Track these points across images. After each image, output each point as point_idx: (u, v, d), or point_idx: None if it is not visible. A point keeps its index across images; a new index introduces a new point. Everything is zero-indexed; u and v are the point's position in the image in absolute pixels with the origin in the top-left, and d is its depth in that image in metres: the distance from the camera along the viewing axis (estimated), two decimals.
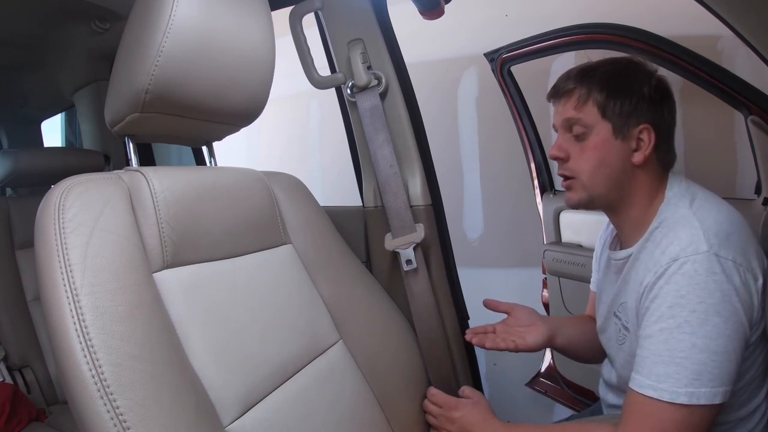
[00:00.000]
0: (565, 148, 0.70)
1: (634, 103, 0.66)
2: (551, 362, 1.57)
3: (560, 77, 0.72)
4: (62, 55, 1.43)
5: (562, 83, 0.71)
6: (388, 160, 0.89)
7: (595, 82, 0.68)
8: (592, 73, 0.69)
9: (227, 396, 0.55)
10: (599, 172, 0.68)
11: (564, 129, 0.71)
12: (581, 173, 0.69)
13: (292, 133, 2.41)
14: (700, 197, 0.65)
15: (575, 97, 0.69)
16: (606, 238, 0.83)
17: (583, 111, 0.68)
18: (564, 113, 0.70)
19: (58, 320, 0.45)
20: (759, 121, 1.01)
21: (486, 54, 1.47)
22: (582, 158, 0.69)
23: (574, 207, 0.72)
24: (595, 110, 0.67)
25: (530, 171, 1.59)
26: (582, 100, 0.68)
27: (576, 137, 0.69)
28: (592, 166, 0.68)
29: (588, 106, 0.68)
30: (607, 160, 0.67)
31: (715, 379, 0.55)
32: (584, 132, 0.68)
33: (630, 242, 0.70)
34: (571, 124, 0.69)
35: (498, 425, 0.74)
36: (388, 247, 0.89)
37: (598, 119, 0.67)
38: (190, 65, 0.59)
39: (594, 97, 0.67)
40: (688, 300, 0.56)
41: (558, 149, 0.71)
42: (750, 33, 0.68)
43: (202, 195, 0.64)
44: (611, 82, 0.67)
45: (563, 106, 0.70)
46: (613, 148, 0.67)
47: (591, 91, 0.68)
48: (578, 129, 0.68)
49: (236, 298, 0.63)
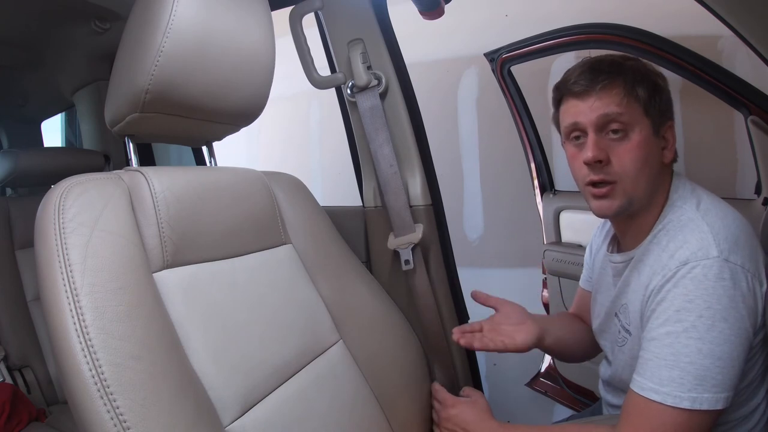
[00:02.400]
0: (604, 149, 0.63)
1: (665, 99, 0.64)
2: (551, 362, 1.57)
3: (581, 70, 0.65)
4: (62, 55, 1.43)
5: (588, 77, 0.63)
6: (388, 160, 0.89)
7: (634, 76, 0.62)
8: (624, 67, 0.63)
9: (227, 396, 0.55)
10: (643, 174, 0.62)
11: (597, 127, 0.63)
12: (624, 176, 0.62)
13: (292, 133, 2.41)
14: (706, 200, 0.64)
15: (619, 91, 0.62)
16: (601, 238, 0.82)
17: (628, 106, 0.62)
18: (602, 108, 0.62)
19: (58, 320, 0.45)
20: (759, 121, 1.01)
21: (486, 54, 1.47)
22: (626, 158, 0.62)
23: (609, 216, 0.67)
24: (639, 106, 0.62)
25: (530, 171, 1.59)
26: (626, 94, 0.62)
27: (613, 136, 0.62)
28: (637, 167, 0.62)
29: (631, 101, 0.62)
30: (649, 161, 0.63)
31: (718, 385, 0.55)
32: (625, 130, 0.62)
33: (630, 245, 0.69)
34: (609, 121, 0.62)
35: (494, 425, 0.73)
36: (390, 246, 0.89)
37: (641, 116, 0.62)
38: (190, 65, 0.59)
39: (637, 92, 0.62)
40: (696, 305, 0.56)
41: (598, 150, 0.62)
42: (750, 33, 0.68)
43: (202, 195, 0.64)
44: (646, 77, 0.63)
45: (600, 100, 0.62)
46: (654, 148, 0.63)
47: (634, 85, 0.62)
48: (617, 126, 0.62)
49: (236, 298, 0.63)
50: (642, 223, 0.67)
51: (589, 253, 0.87)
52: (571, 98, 0.65)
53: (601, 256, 0.79)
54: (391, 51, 0.92)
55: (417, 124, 0.95)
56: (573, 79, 0.65)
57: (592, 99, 0.63)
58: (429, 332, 0.89)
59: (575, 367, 1.48)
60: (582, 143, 0.65)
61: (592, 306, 0.81)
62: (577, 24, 1.24)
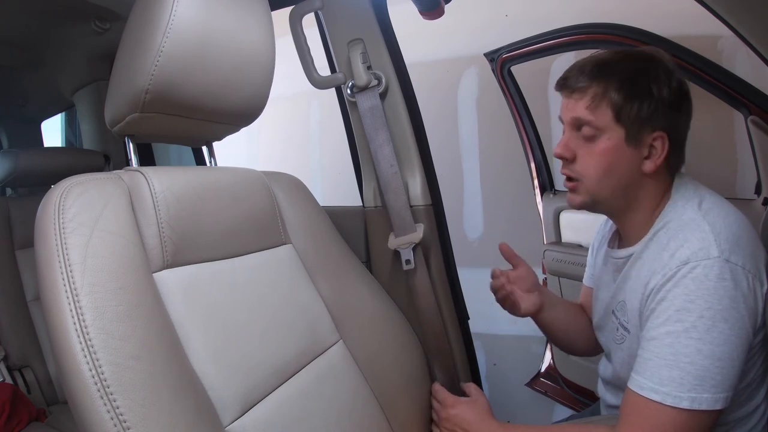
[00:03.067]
0: (571, 148, 0.66)
1: (652, 107, 0.61)
2: (551, 362, 1.57)
3: (573, 68, 0.66)
4: (62, 55, 1.43)
5: (574, 77, 0.65)
6: (389, 160, 0.89)
7: (613, 80, 0.62)
8: (609, 69, 0.63)
9: (227, 396, 0.55)
10: (605, 179, 0.64)
11: (572, 127, 0.66)
12: (586, 177, 0.65)
13: (292, 133, 2.41)
14: (708, 200, 0.63)
15: (589, 96, 0.63)
16: (604, 234, 0.82)
17: (596, 113, 0.63)
18: (574, 111, 0.64)
19: (58, 320, 0.45)
20: (759, 121, 1.01)
21: (486, 54, 1.47)
22: (589, 162, 0.64)
23: (576, 209, 0.70)
24: (609, 112, 0.62)
25: (530, 171, 1.59)
26: (596, 100, 0.63)
27: (584, 138, 0.64)
28: (598, 173, 0.64)
29: (602, 107, 0.62)
30: (616, 168, 0.63)
31: (717, 386, 0.55)
32: (594, 135, 0.63)
33: (631, 241, 0.69)
34: (580, 124, 0.64)
35: (494, 425, 0.73)
36: (391, 246, 0.89)
37: (611, 123, 0.62)
38: (190, 65, 0.59)
39: (609, 98, 0.62)
40: (697, 305, 0.56)
41: (564, 148, 0.66)
42: (750, 33, 0.68)
43: (202, 195, 0.64)
44: (630, 82, 0.62)
45: (575, 103, 0.64)
46: (624, 156, 0.63)
47: (607, 90, 0.62)
48: (588, 131, 0.64)
49: (236, 298, 0.63)
50: (638, 221, 0.68)
51: (591, 251, 0.87)
52: (560, 93, 0.68)
53: (603, 252, 0.79)
54: (391, 51, 0.92)
55: (417, 124, 0.95)
56: (564, 75, 0.67)
57: (570, 99, 0.66)
58: (429, 332, 0.89)
59: (575, 367, 1.48)
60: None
61: (594, 302, 0.81)
62: (577, 24, 1.25)
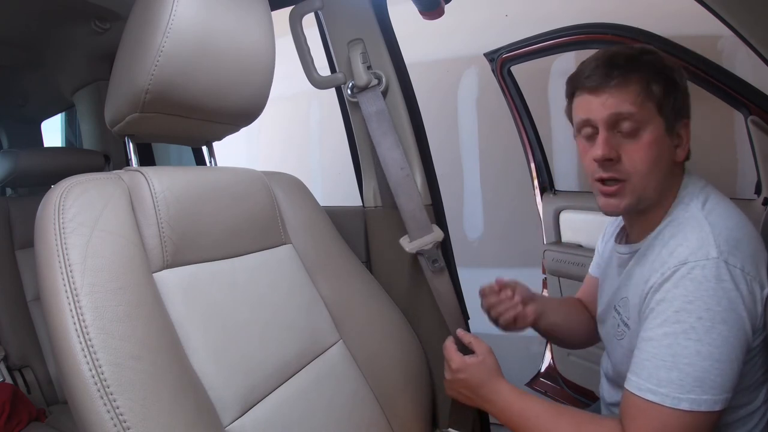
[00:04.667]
0: (614, 147, 0.62)
1: (681, 97, 0.62)
2: (551, 362, 1.57)
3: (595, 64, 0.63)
4: (62, 55, 1.43)
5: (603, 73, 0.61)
6: (399, 163, 0.89)
7: (649, 72, 0.60)
8: (638, 62, 0.61)
9: (227, 396, 0.55)
10: (653, 173, 0.62)
11: (608, 125, 0.62)
12: (635, 174, 0.62)
13: (292, 133, 2.41)
14: (713, 199, 0.63)
15: (634, 89, 0.60)
16: (614, 226, 0.82)
17: (642, 105, 0.60)
18: (614, 106, 0.61)
19: (58, 320, 0.45)
20: (759, 121, 1.01)
21: (486, 54, 1.47)
22: (637, 158, 0.61)
23: (618, 214, 0.67)
24: (653, 105, 0.60)
25: (530, 171, 1.59)
26: (642, 93, 0.60)
27: (625, 134, 0.61)
28: (647, 166, 0.61)
29: (646, 99, 0.60)
30: (660, 160, 0.62)
31: (717, 387, 0.54)
32: (637, 128, 0.61)
33: (637, 237, 0.69)
34: (620, 119, 0.61)
35: (505, 389, 0.69)
36: (410, 250, 0.88)
37: (654, 115, 0.61)
38: (190, 65, 0.59)
39: (652, 90, 0.60)
40: (696, 306, 0.55)
41: (609, 148, 0.61)
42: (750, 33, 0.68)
43: (202, 195, 0.64)
44: (663, 74, 0.61)
45: (614, 98, 0.61)
46: (665, 146, 0.62)
47: (650, 83, 0.60)
48: (629, 125, 0.60)
49: (236, 298, 0.63)
50: (650, 219, 0.67)
51: (602, 239, 0.87)
52: (585, 92, 0.64)
53: (611, 246, 0.79)
54: (391, 51, 0.92)
55: (417, 124, 0.95)
56: (587, 73, 0.63)
57: (606, 95, 0.61)
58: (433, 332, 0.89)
59: (575, 367, 1.48)
60: (593, 139, 0.64)
61: (599, 293, 0.81)
62: (577, 24, 1.24)
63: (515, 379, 0.71)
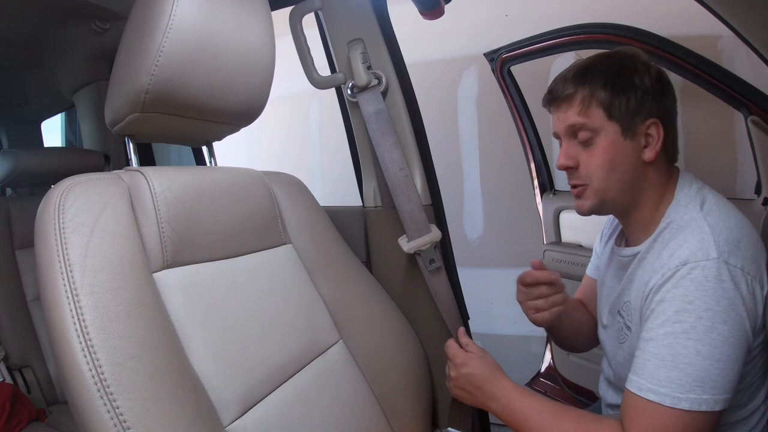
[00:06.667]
0: (572, 156, 0.67)
1: (639, 98, 0.63)
2: (551, 362, 1.57)
3: (555, 81, 0.68)
4: (62, 55, 1.43)
5: (559, 87, 0.67)
6: (398, 164, 0.89)
7: (596, 81, 0.64)
8: (590, 72, 0.65)
9: (227, 396, 0.55)
10: (611, 176, 0.65)
11: (568, 136, 0.67)
12: (593, 179, 0.66)
13: (292, 133, 2.41)
14: (710, 200, 0.64)
15: (577, 101, 0.65)
16: (612, 229, 0.82)
17: (587, 115, 0.64)
18: (567, 119, 0.66)
19: (58, 320, 0.45)
20: (759, 121, 1.01)
21: (486, 54, 1.47)
22: (592, 163, 0.65)
23: (585, 214, 0.70)
24: (601, 112, 0.64)
25: (530, 171, 1.59)
26: (585, 103, 0.64)
27: (582, 143, 0.66)
28: (603, 171, 0.65)
29: (592, 108, 0.64)
30: (618, 162, 0.64)
31: (717, 387, 0.55)
32: (591, 137, 0.65)
33: (637, 240, 0.69)
34: (575, 130, 0.66)
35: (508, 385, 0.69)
36: (408, 250, 0.88)
37: (604, 121, 0.64)
38: (190, 65, 0.59)
39: (597, 98, 0.64)
40: (696, 306, 0.56)
41: (566, 158, 0.67)
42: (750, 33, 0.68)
43: (202, 195, 0.64)
44: (613, 79, 0.64)
45: (564, 113, 0.66)
46: (624, 149, 0.64)
47: (593, 91, 0.64)
48: (584, 134, 0.65)
49: (236, 298, 0.63)
50: (642, 220, 0.68)
51: (599, 241, 0.87)
52: (550, 108, 0.70)
53: (610, 248, 0.79)
54: (391, 51, 0.92)
55: (417, 124, 0.95)
56: (548, 90, 0.69)
57: (561, 110, 0.68)
58: (433, 332, 0.89)
59: (575, 367, 1.48)
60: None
61: (598, 296, 0.81)
62: (577, 24, 1.24)
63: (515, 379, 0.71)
